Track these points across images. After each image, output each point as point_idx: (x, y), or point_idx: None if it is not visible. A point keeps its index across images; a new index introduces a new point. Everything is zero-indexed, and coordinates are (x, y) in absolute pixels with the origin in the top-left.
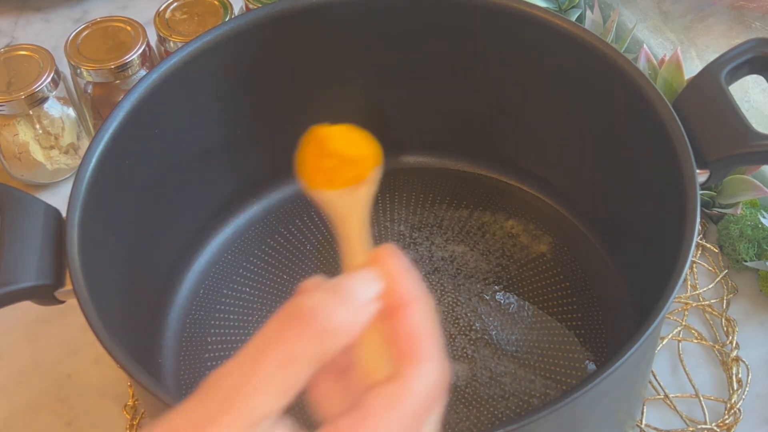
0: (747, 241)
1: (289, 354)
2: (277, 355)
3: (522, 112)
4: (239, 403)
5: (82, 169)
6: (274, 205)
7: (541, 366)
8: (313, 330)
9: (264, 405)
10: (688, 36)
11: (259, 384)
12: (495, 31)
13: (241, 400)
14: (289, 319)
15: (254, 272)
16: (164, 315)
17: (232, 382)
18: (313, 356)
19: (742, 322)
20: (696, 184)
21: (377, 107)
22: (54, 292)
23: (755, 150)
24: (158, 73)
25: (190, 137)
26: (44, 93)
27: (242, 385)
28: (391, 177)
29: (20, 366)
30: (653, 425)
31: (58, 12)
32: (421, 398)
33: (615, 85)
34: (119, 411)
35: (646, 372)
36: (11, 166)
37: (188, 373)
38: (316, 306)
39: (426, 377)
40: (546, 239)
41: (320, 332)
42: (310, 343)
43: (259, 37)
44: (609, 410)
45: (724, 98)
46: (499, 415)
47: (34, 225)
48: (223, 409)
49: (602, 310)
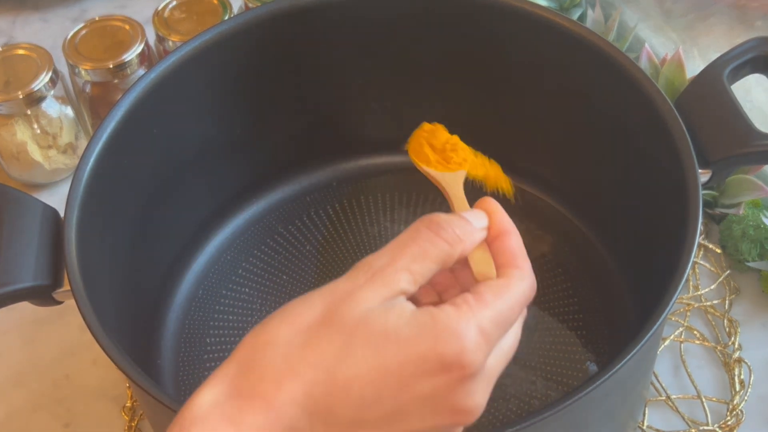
0: (749, 241)
1: (423, 252)
2: (414, 251)
3: (523, 112)
4: (384, 277)
5: (81, 169)
6: (274, 205)
7: (543, 367)
8: (442, 237)
9: (400, 284)
10: (690, 35)
11: (399, 267)
12: (496, 30)
13: (386, 275)
14: (426, 226)
15: (253, 273)
16: (163, 316)
17: (378, 264)
18: (438, 258)
19: (745, 323)
20: (698, 183)
21: (377, 106)
22: (52, 292)
23: (758, 150)
24: (157, 72)
25: (189, 137)
26: (42, 92)
27: (386, 267)
28: (391, 177)
29: (18, 367)
30: (655, 426)
31: (56, 11)
32: (519, 296)
33: (617, 85)
34: (118, 412)
35: (647, 373)
36: (9, 166)
37: (187, 374)
38: (446, 222)
39: (524, 282)
40: (547, 239)
41: (447, 240)
42: (437, 247)
43: (258, 36)
44: (611, 411)
45: (727, 97)
46: (500, 417)
47: (31, 225)
48: (373, 279)
49: (604, 311)
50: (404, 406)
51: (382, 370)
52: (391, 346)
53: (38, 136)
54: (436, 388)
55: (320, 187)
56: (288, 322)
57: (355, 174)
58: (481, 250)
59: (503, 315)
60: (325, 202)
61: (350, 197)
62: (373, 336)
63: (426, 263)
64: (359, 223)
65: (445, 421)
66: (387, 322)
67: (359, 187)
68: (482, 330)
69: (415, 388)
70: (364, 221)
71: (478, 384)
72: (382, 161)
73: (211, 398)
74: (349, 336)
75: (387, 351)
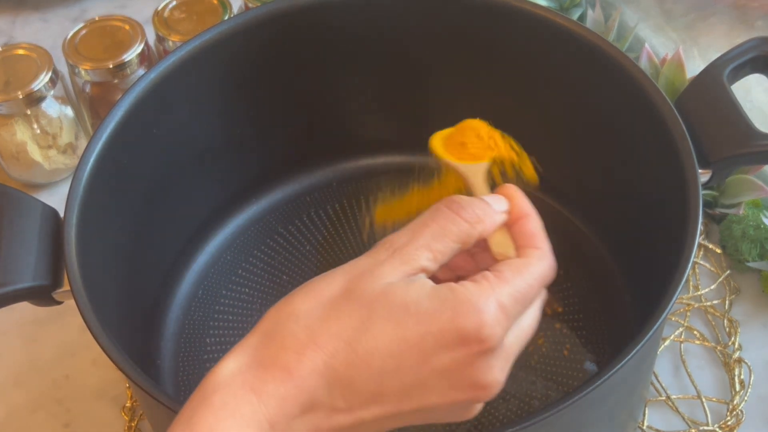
0: (749, 241)
1: (443, 230)
2: (434, 229)
3: (522, 112)
4: (405, 254)
5: (80, 169)
6: (274, 205)
7: (543, 367)
8: (463, 217)
9: (421, 261)
10: (690, 35)
11: (419, 245)
12: (496, 30)
13: (406, 252)
14: (447, 206)
15: (253, 273)
16: (162, 316)
17: (399, 241)
18: (458, 237)
19: (745, 323)
20: (698, 183)
21: (377, 106)
22: (51, 292)
23: (758, 150)
24: (157, 72)
25: (189, 137)
26: (42, 92)
27: (407, 245)
28: (391, 177)
29: (17, 367)
30: (655, 426)
31: (56, 11)
32: (539, 275)
33: (617, 84)
34: (117, 412)
35: (647, 373)
36: (9, 165)
37: (187, 374)
38: (466, 202)
39: (543, 261)
40: None
41: (468, 219)
42: (457, 225)
43: (258, 36)
44: (610, 412)
45: (727, 97)
46: (500, 417)
47: (31, 225)
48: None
49: (604, 311)
50: (424, 379)
51: (403, 343)
52: (412, 318)
53: (38, 136)
54: (455, 361)
55: (320, 187)
56: (311, 296)
57: (355, 174)
58: (501, 233)
59: (522, 292)
60: (325, 202)
61: (350, 197)
62: (394, 308)
63: (446, 241)
64: (359, 223)
65: (464, 395)
66: (407, 295)
67: (359, 187)
68: (501, 305)
69: (435, 360)
70: (364, 221)
71: (497, 359)
72: (382, 161)
73: (234, 367)
74: (369, 309)
75: (407, 323)
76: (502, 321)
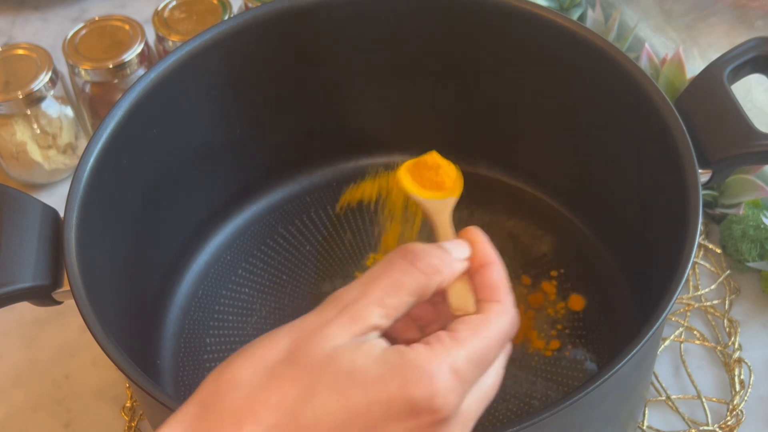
0: (749, 241)
1: (397, 284)
2: (387, 282)
3: (523, 112)
4: (354, 312)
5: (80, 169)
6: (274, 205)
7: (543, 367)
8: (418, 268)
9: (372, 318)
10: (690, 35)
11: (370, 301)
12: (496, 30)
13: (356, 309)
14: (401, 256)
15: (253, 273)
16: (162, 316)
17: (349, 298)
18: (414, 290)
19: (745, 323)
20: (698, 184)
21: (377, 106)
22: (51, 292)
23: (758, 150)
24: (156, 72)
25: (189, 137)
26: (42, 92)
27: (357, 301)
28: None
29: (17, 367)
30: (655, 426)
31: (55, 11)
32: (498, 333)
33: (617, 85)
34: (117, 412)
35: (647, 373)
36: (9, 165)
37: (186, 375)
38: (422, 251)
39: (504, 317)
40: (547, 239)
41: (424, 270)
42: (412, 278)
43: (258, 36)
44: (610, 412)
45: (727, 97)
46: (500, 417)
47: (31, 225)
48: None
49: (604, 311)
50: None
51: (348, 414)
52: (358, 386)
53: (38, 136)
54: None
55: (320, 187)
56: (251, 360)
57: (355, 174)
58: (461, 283)
59: (480, 353)
60: (325, 202)
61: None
62: (340, 376)
63: (400, 296)
64: (359, 223)
65: None
66: (354, 361)
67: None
68: (456, 371)
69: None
70: (364, 221)
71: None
72: (382, 161)
73: None
74: (314, 375)
75: (353, 392)
76: (456, 388)
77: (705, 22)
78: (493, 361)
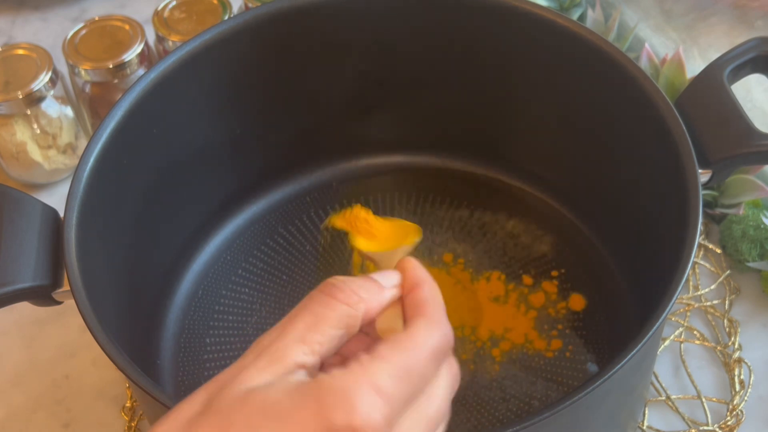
0: (749, 241)
1: (318, 318)
2: (308, 319)
3: (523, 112)
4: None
5: (80, 169)
6: (274, 205)
7: (543, 367)
8: (339, 299)
9: (293, 356)
10: (690, 35)
11: (290, 340)
12: (496, 30)
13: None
14: (321, 290)
15: (253, 273)
16: (162, 316)
17: (266, 340)
18: (338, 322)
19: (745, 323)
20: (698, 184)
21: (377, 106)
22: (51, 292)
23: (758, 150)
24: (157, 72)
25: (189, 137)
26: (42, 92)
27: (274, 342)
28: (391, 177)
29: (17, 367)
30: (655, 427)
31: (55, 11)
32: (426, 346)
33: (617, 85)
34: (117, 412)
35: (647, 373)
36: (9, 165)
37: (186, 375)
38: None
39: (431, 329)
40: (547, 239)
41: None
42: (334, 310)
43: (258, 36)
44: (610, 412)
45: (727, 97)
46: (500, 417)
47: (31, 225)
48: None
49: (604, 311)
50: None
51: None
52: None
53: (38, 136)
54: None
55: (320, 187)
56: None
57: (355, 174)
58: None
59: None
60: (325, 202)
61: (350, 197)
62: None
63: (324, 329)
64: None
65: None
66: (267, 397)
67: (359, 187)
68: (378, 387)
69: None
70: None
71: None
72: (382, 161)
73: None
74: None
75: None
76: (379, 406)
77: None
78: (429, 379)
